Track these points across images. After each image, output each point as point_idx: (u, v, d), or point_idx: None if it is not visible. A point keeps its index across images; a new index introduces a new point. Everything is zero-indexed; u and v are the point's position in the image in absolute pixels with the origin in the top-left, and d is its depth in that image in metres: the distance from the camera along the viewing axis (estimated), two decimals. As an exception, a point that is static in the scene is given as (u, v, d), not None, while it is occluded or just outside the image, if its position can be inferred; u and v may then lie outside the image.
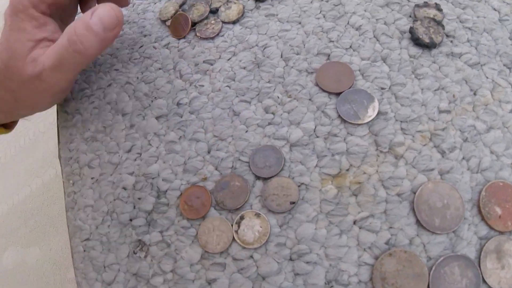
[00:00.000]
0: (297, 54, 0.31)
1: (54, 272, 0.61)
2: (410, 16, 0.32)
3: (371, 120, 0.28)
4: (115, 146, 0.31)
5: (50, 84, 0.28)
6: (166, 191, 0.28)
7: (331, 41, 0.31)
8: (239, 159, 0.28)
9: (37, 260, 0.62)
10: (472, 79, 0.29)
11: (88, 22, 0.26)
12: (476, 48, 0.30)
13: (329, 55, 0.30)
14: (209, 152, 0.29)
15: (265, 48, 0.32)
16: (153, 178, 0.29)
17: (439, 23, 0.31)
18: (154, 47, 0.35)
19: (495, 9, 0.32)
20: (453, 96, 0.28)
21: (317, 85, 0.29)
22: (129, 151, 0.30)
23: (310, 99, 0.29)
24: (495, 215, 0.25)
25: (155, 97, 0.32)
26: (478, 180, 0.26)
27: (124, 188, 0.29)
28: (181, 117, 0.30)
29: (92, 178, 0.31)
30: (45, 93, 0.29)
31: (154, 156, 0.30)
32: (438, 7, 0.32)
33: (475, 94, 0.28)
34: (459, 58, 0.30)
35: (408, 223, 0.25)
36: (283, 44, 0.31)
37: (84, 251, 0.29)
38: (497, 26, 0.31)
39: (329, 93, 0.29)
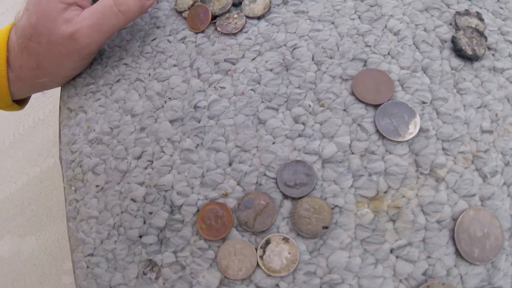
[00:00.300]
0: (331, 58, 0.27)
1: (50, 262, 0.57)
2: (450, 24, 0.28)
3: (411, 138, 0.24)
4: (123, 151, 0.27)
5: (83, 45, 0.28)
6: (181, 206, 0.24)
7: (367, 46, 0.27)
8: (265, 174, 0.24)
9: (33, 250, 0.58)
10: (516, 97, 0.25)
11: None
12: (519, 63, 0.27)
13: (365, 61, 0.26)
14: (230, 164, 0.25)
15: (294, 49, 0.27)
16: (166, 191, 0.25)
17: (481, 34, 0.27)
18: (169, 41, 0.30)
19: (542, 20, 0.28)
20: (496, 115, 0.25)
21: (353, 94, 0.25)
22: (139, 157, 0.26)
23: (345, 110, 0.25)
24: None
25: (169, 98, 0.28)
26: (521, 208, 0.23)
27: (133, 200, 0.25)
28: (199, 122, 0.26)
29: (97, 186, 0.27)
30: (74, 55, 0.28)
31: (167, 166, 0.26)
32: (479, 17, 0.28)
33: (518, 113, 0.25)
34: (501, 73, 0.26)
35: (447, 253, 0.22)
36: (315, 45, 0.27)
37: (88, 267, 0.25)
38: (545, 39, 0.27)
39: (366, 104, 0.25)
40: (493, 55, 0.27)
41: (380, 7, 0.29)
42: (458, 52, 0.27)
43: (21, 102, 0.34)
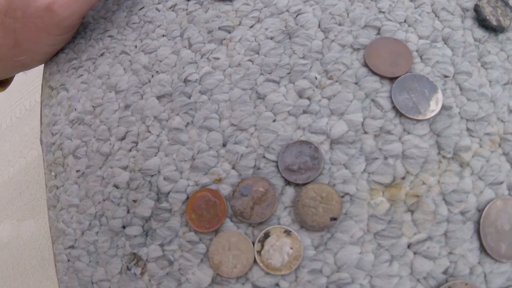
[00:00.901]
0: (340, 24, 0.22)
1: (49, 246, 0.54)
2: (473, -10, 0.23)
3: (433, 116, 0.20)
4: (106, 131, 0.23)
5: (61, 17, 0.24)
6: (169, 193, 0.20)
7: (381, 12, 0.23)
8: (264, 157, 0.20)
9: (32, 233, 0.55)
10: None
11: None
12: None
13: (379, 29, 0.22)
14: (224, 145, 0.21)
15: (298, 14, 0.23)
16: (152, 176, 0.21)
17: (507, 3, 0.23)
18: (157, 9, 0.26)
19: None
20: (527, 91, 0.21)
21: (366, 65, 0.21)
22: (122, 138, 0.22)
23: (356, 83, 0.21)
24: None
25: (157, 71, 0.23)
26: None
27: (116, 186, 0.21)
28: (189, 97, 0.22)
29: (77, 171, 0.23)
30: (52, 29, 0.25)
31: (153, 147, 0.21)
32: (506, -17, 0.23)
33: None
34: (530, 46, 0.22)
35: (470, 248, 0.19)
36: (321, 11, 0.23)
37: (69, 260, 0.22)
38: None
39: (382, 77, 0.21)
40: None
41: (395, -31, 0.24)
42: (482, 22, 0.22)
43: (3, 83, 0.30)
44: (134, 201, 0.21)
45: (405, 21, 0.22)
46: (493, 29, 0.22)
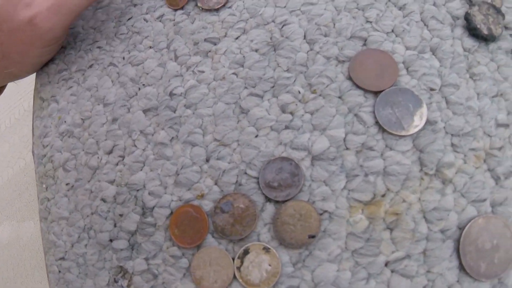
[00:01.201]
0: (325, 35, 0.23)
1: (51, 248, 0.57)
2: (463, -1, 0.24)
3: (416, 131, 0.21)
4: (94, 144, 0.25)
5: (44, 30, 0.25)
6: (153, 208, 0.22)
7: (368, 22, 0.23)
8: (246, 173, 0.21)
9: (32, 234, 0.58)
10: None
11: None
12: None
13: (365, 40, 0.23)
14: (207, 160, 0.22)
15: (284, 25, 0.24)
16: (137, 190, 0.23)
17: (498, 11, 0.24)
18: (145, 20, 0.27)
19: None
20: (516, 105, 0.21)
21: (350, 78, 0.22)
22: (110, 152, 0.24)
23: (340, 97, 0.22)
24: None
25: (143, 84, 0.25)
26: (540, 214, 0.20)
27: (104, 200, 0.23)
28: (175, 111, 0.24)
29: (67, 184, 0.25)
30: (37, 42, 0.26)
31: (139, 162, 0.23)
32: (499, -11, 0.24)
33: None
34: (522, 57, 0.22)
35: (449, 267, 0.20)
36: (307, 21, 0.24)
37: (59, 272, 0.24)
38: None
39: (366, 90, 0.22)
40: (510, 35, 0.23)
41: (385, -25, 0.25)
42: (472, 31, 0.23)
43: None
44: (121, 215, 0.23)
45: (392, 31, 0.23)
46: (484, 38, 0.23)
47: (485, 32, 0.23)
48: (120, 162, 0.24)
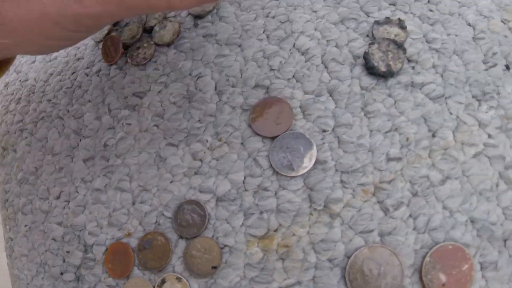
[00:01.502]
0: (233, 86, 0.28)
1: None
2: (367, 36, 0.28)
3: (307, 172, 0.25)
4: (46, 191, 0.31)
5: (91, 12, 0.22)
6: (92, 245, 0.28)
7: (272, 70, 0.28)
8: (163, 214, 0.27)
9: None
10: (433, 117, 0.26)
11: None
12: (442, 76, 0.26)
13: (268, 88, 0.28)
14: (133, 204, 0.28)
15: (198, 78, 0.29)
16: (80, 231, 0.29)
17: (400, 46, 0.27)
18: (86, 74, 0.33)
19: (469, 25, 0.27)
20: (407, 139, 0.25)
21: (250, 126, 0.27)
22: (58, 197, 0.30)
23: (242, 143, 0.27)
24: (438, 283, 0.23)
25: (83, 136, 0.31)
26: (425, 241, 0.24)
27: (54, 239, 0.29)
28: (108, 161, 0.29)
29: (25, 226, 0.31)
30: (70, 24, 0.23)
31: (81, 206, 0.29)
32: (401, 24, 0.28)
33: (433, 136, 0.25)
34: (420, 89, 0.26)
35: None
36: (219, 73, 0.29)
37: (22, 301, 0.30)
38: (470, 47, 0.27)
39: (263, 137, 0.26)
40: (413, 68, 0.27)
41: (291, 23, 0.29)
42: (370, 69, 0.27)
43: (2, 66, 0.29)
44: (68, 252, 0.29)
45: (293, 76, 0.28)
46: (382, 76, 0.27)
47: (383, 69, 0.26)
48: (66, 206, 0.30)
